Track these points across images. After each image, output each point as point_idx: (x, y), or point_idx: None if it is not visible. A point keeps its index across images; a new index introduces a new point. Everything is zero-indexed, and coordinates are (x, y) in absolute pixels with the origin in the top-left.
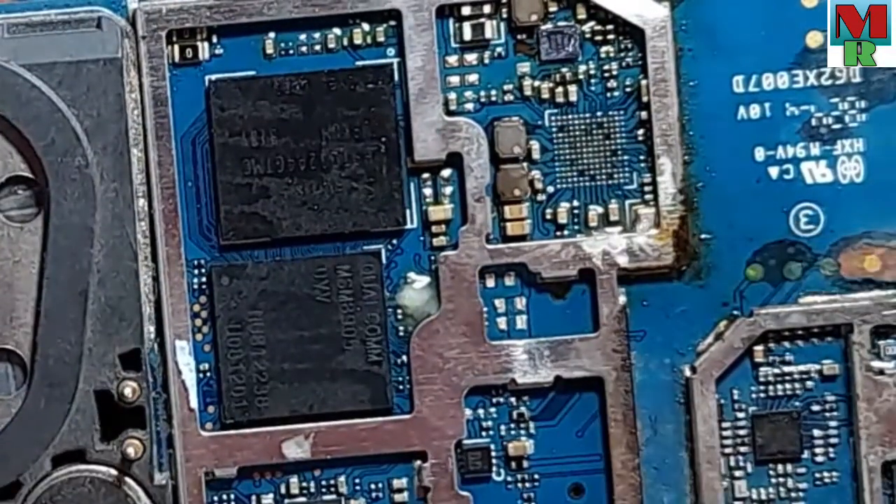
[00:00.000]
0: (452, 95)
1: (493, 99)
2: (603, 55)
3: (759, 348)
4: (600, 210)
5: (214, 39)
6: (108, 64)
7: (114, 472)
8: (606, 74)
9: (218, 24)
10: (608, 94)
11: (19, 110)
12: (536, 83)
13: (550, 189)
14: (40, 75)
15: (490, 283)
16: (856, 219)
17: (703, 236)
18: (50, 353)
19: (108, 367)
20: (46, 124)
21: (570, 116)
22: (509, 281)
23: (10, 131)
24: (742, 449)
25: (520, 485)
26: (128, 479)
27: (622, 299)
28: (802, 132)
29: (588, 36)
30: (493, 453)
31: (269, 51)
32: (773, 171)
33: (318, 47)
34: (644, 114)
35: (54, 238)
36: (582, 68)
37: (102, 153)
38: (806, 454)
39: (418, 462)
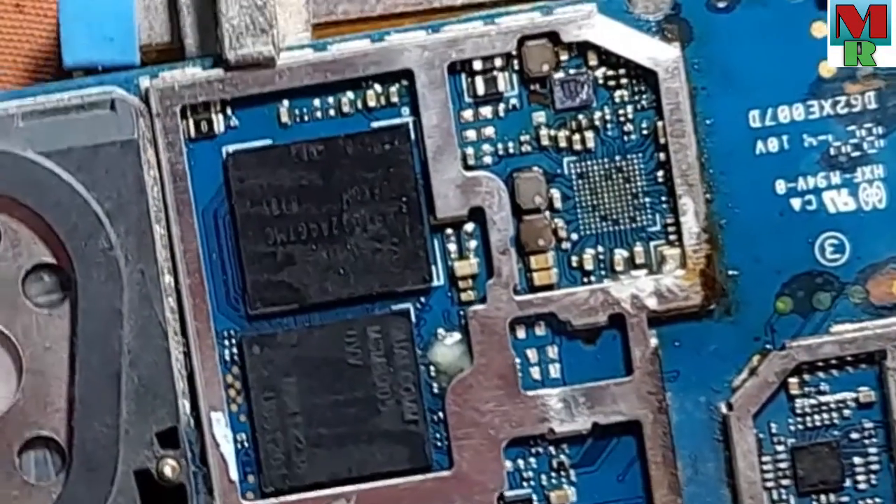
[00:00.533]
0: (470, 150)
1: (511, 151)
2: (617, 99)
3: (793, 380)
4: (626, 254)
5: (229, 111)
6: (124, 146)
7: None
8: (622, 118)
9: (231, 96)
10: (625, 138)
11: (40, 198)
12: (553, 132)
13: (574, 236)
14: (58, 161)
15: (521, 334)
16: (881, 244)
17: (730, 273)
18: (87, 437)
19: (145, 447)
20: (68, 210)
21: (588, 163)
22: (539, 331)
23: (32, 219)
24: (784, 482)
25: None
26: None
27: (654, 341)
28: (822, 162)
29: (601, 81)
30: (536, 503)
31: (284, 119)
32: (796, 203)
33: (332, 112)
34: (662, 155)
35: (83, 322)
36: (597, 114)
37: (125, 235)
38: (848, 483)
39: None
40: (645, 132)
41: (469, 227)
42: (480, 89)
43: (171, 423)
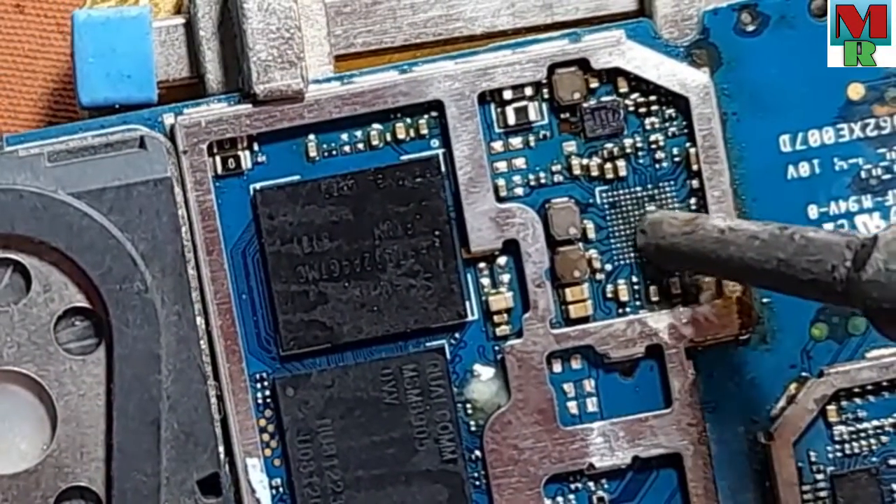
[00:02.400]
0: (501, 181)
1: (543, 181)
2: (648, 126)
3: (831, 407)
4: (661, 283)
5: (256, 147)
6: (157, 184)
7: None
8: (653, 146)
9: (258, 131)
10: (657, 166)
11: (72, 240)
12: (584, 161)
13: (608, 267)
14: (90, 202)
15: (556, 368)
16: None
17: (764, 300)
18: (127, 488)
19: (187, 496)
20: (101, 252)
21: (621, 192)
22: (576, 364)
23: (64, 262)
24: None
25: None
26: None
27: (692, 372)
28: (853, 186)
29: (631, 109)
30: None
31: (313, 153)
32: (828, 228)
33: (360, 145)
34: (695, 182)
35: (120, 368)
36: (628, 142)
37: (161, 276)
38: None
39: None
40: (676, 159)
41: (502, 260)
42: (511, 119)
43: (213, 469)
